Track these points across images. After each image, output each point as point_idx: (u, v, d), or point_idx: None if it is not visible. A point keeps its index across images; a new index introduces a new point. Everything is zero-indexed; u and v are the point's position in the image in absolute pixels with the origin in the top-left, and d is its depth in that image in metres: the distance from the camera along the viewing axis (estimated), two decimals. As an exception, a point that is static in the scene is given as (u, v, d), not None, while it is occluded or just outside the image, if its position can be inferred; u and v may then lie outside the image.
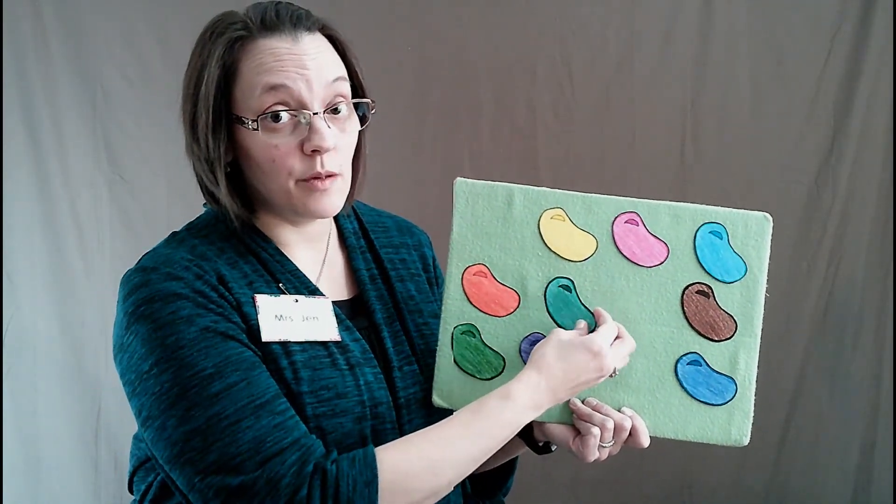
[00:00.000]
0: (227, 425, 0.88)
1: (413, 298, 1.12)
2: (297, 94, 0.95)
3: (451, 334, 1.05)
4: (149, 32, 2.20)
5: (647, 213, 1.04)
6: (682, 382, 1.04)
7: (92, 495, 2.22)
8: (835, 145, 2.19)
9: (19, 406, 2.14)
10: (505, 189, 1.05)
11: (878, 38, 2.14)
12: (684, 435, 1.04)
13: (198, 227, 1.06)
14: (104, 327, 2.20)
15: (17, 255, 2.14)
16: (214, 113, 0.96)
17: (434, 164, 2.28)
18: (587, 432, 0.99)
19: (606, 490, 2.28)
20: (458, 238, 1.05)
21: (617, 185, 2.25)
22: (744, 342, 1.04)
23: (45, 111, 2.15)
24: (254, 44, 0.96)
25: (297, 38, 0.97)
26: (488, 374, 1.05)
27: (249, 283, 0.99)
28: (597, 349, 0.97)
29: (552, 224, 1.04)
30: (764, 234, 1.04)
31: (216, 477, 0.87)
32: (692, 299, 1.04)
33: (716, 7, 2.20)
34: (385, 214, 1.21)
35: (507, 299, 1.05)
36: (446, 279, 1.05)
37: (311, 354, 0.98)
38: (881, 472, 2.18)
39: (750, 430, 1.04)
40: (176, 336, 0.91)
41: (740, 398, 1.03)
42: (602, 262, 1.04)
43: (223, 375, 0.90)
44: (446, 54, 2.26)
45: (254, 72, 0.96)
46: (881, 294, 2.18)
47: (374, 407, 0.99)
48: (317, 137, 0.95)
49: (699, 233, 1.04)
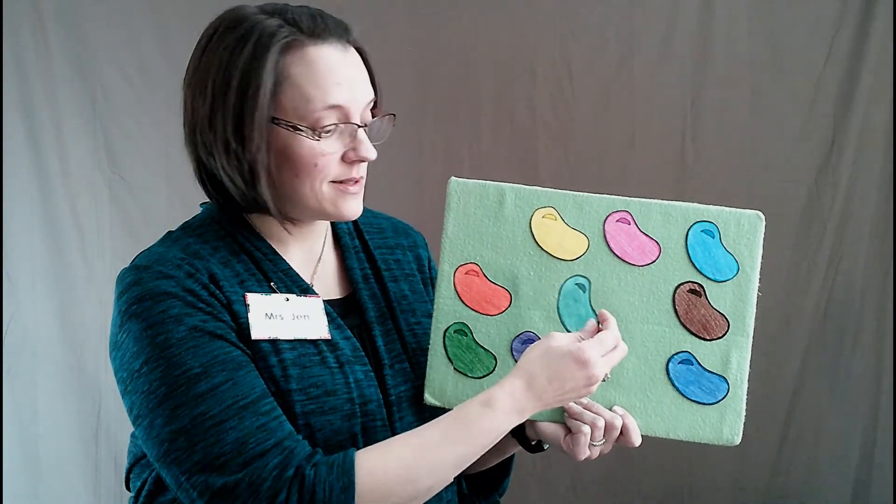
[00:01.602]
0: (211, 425, 0.89)
1: (406, 298, 1.13)
2: (348, 108, 0.99)
3: (443, 333, 1.05)
4: (149, 32, 2.21)
5: (639, 212, 1.04)
6: (674, 381, 1.04)
7: (92, 495, 2.22)
8: (835, 145, 2.19)
9: (19, 406, 2.14)
10: (496, 188, 1.06)
11: (878, 38, 2.14)
12: (675, 434, 1.03)
13: (192, 226, 1.07)
14: (104, 327, 2.17)
15: (17, 255, 2.14)
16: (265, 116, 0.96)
17: (434, 164, 2.28)
18: (578, 431, 1.00)
19: (606, 490, 2.28)
20: (451, 237, 1.05)
21: (617, 184, 2.23)
22: (736, 341, 1.03)
23: (45, 111, 2.15)
24: (303, 50, 0.97)
25: (346, 49, 1.00)
26: (480, 373, 1.05)
27: (241, 282, 1.00)
28: (585, 359, 0.94)
29: (544, 223, 1.05)
30: (756, 233, 1.03)
31: (201, 476, 0.89)
32: (684, 298, 1.04)
33: (716, 7, 2.20)
34: (381, 216, 1.22)
35: (499, 298, 1.05)
36: (438, 278, 1.06)
37: (301, 352, 0.99)
38: (881, 472, 2.18)
39: (742, 430, 1.03)
40: (165, 335, 0.92)
41: (732, 397, 1.03)
42: (593, 261, 1.04)
43: (209, 375, 0.91)
44: (446, 54, 2.26)
45: (309, 81, 0.96)
46: (881, 294, 2.18)
47: (364, 405, 1.00)
48: (363, 149, 1.00)
49: (691, 231, 1.04)
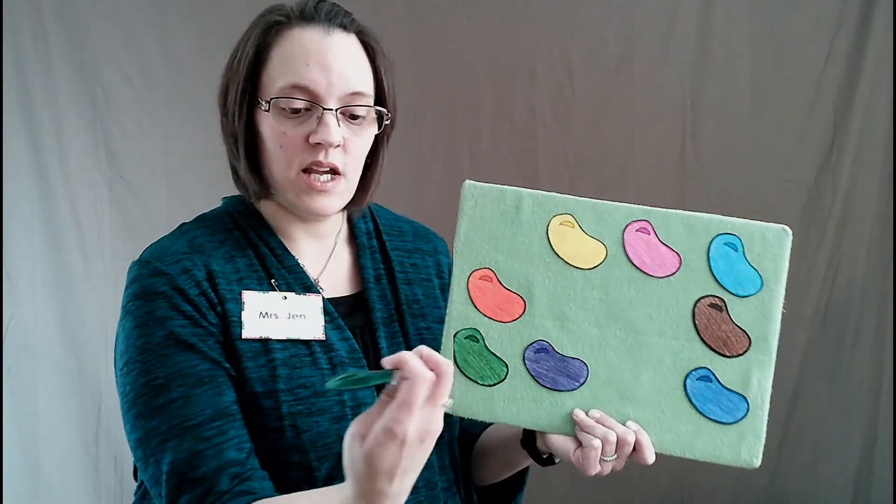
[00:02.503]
0: (157, 443, 0.93)
1: (418, 302, 1.12)
2: (315, 88, 0.98)
3: (454, 338, 1.02)
4: (149, 32, 2.21)
5: (660, 222, 1.00)
6: (692, 398, 1.00)
7: (92, 495, 2.22)
8: (835, 145, 2.19)
9: (19, 406, 2.14)
10: (514, 193, 1.02)
11: (878, 38, 2.14)
12: (692, 453, 0.99)
13: (206, 217, 1.08)
14: (104, 327, 2.21)
15: (17, 255, 2.14)
16: (241, 90, 1.00)
17: (434, 165, 2.28)
18: (588, 444, 0.96)
19: (606, 490, 2.28)
20: (465, 241, 1.02)
21: (616, 184, 2.25)
22: (758, 360, 1.00)
23: (45, 111, 2.15)
24: (289, 32, 1.00)
25: (329, 33, 1.00)
26: (491, 381, 1.01)
27: (240, 280, 1.01)
28: (364, 434, 0.78)
29: (561, 230, 1.01)
30: (782, 248, 0.99)
31: (154, 488, 0.94)
32: (704, 312, 1.00)
33: (716, 7, 2.21)
34: (403, 220, 1.22)
35: (513, 305, 1.02)
36: (451, 282, 1.03)
37: (292, 353, 0.99)
38: (881, 472, 2.18)
39: (761, 453, 0.99)
40: (145, 339, 0.95)
41: (752, 418, 0.99)
42: (611, 270, 1.00)
43: (168, 389, 0.93)
44: (446, 54, 2.26)
45: (282, 59, 0.99)
46: (881, 294, 2.18)
47: (357, 407, 0.99)
48: (323, 130, 0.98)
49: (713, 244, 1.00)
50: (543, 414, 1.00)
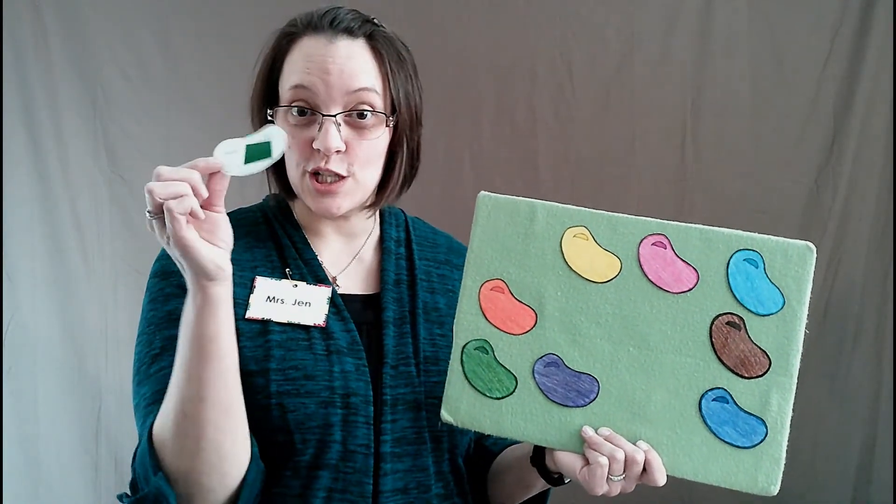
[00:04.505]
0: (144, 406, 0.98)
1: (438, 310, 1.12)
2: (314, 93, 1.02)
3: (462, 348, 1.00)
4: (149, 32, 2.21)
5: (677, 236, 0.98)
6: (706, 419, 0.96)
7: (92, 495, 2.22)
8: (835, 145, 2.19)
9: (19, 406, 2.14)
10: (528, 204, 1.01)
11: (877, 38, 2.14)
12: (705, 477, 0.96)
13: (242, 210, 1.14)
14: (104, 327, 2.21)
15: (17, 255, 2.14)
16: (260, 98, 1.08)
17: (434, 165, 2.27)
18: (595, 461, 0.94)
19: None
20: (477, 252, 1.01)
21: (617, 185, 2.25)
22: (777, 381, 0.95)
23: (45, 111, 2.16)
24: (298, 41, 1.05)
25: (333, 41, 1.03)
26: (499, 394, 0.99)
27: (254, 268, 1.06)
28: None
29: (575, 243, 0.99)
30: (806, 265, 0.95)
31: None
32: (722, 330, 0.96)
33: (716, 7, 2.21)
34: (440, 233, 1.23)
35: (524, 317, 1.00)
36: (461, 292, 1.01)
37: (290, 336, 1.02)
38: (881, 472, 2.18)
39: (780, 479, 0.95)
40: (153, 313, 1.03)
41: (770, 442, 0.95)
42: (625, 285, 0.98)
43: (161, 358, 0.98)
44: (446, 54, 2.26)
45: (290, 67, 1.04)
46: (881, 294, 2.18)
47: (346, 396, 1.00)
48: (322, 137, 1.01)
49: (732, 260, 0.96)
50: (552, 429, 0.98)
